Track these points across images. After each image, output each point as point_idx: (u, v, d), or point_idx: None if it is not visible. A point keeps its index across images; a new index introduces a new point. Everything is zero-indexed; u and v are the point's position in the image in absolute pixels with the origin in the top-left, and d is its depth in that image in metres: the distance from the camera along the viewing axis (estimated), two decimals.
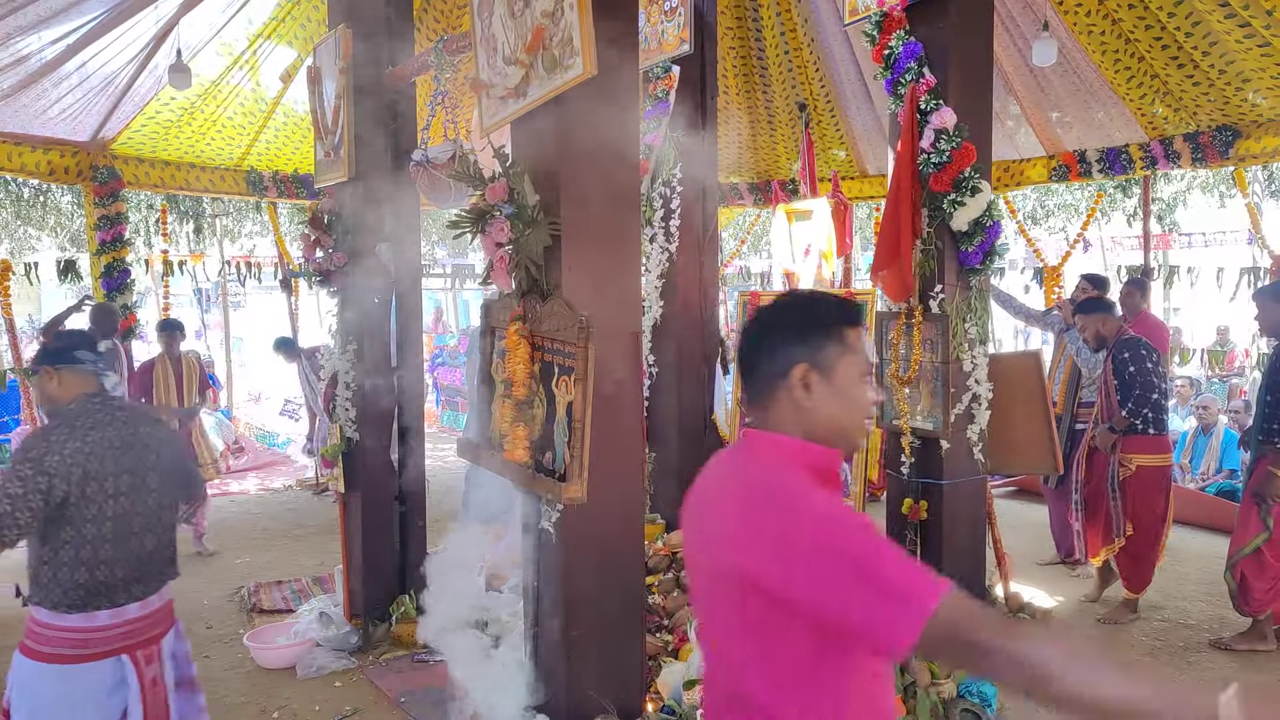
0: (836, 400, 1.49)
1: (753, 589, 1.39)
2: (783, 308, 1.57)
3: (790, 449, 1.49)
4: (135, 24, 6.51)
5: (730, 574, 1.43)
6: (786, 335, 1.51)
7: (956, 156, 4.17)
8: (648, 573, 4.96)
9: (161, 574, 2.83)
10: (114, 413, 2.76)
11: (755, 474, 1.48)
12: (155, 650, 2.79)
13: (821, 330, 1.50)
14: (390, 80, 4.95)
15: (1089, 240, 12.58)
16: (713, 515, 1.53)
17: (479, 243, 3.46)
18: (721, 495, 1.53)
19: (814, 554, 1.33)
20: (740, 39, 8.91)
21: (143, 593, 2.75)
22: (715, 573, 1.49)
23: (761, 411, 1.54)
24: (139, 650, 2.74)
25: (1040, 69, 7.36)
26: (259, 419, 12.79)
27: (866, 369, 1.53)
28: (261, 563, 6.65)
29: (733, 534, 1.44)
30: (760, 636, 1.42)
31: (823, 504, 1.39)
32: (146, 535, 2.74)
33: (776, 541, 1.36)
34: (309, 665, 4.61)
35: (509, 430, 3.40)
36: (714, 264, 6.19)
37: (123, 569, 2.68)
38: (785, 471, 1.46)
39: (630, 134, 3.41)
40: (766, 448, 1.51)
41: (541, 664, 3.49)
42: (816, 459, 1.49)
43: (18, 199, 12.04)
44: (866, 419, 1.55)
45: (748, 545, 1.40)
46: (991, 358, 4.50)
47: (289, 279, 10.32)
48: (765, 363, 1.52)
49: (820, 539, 1.34)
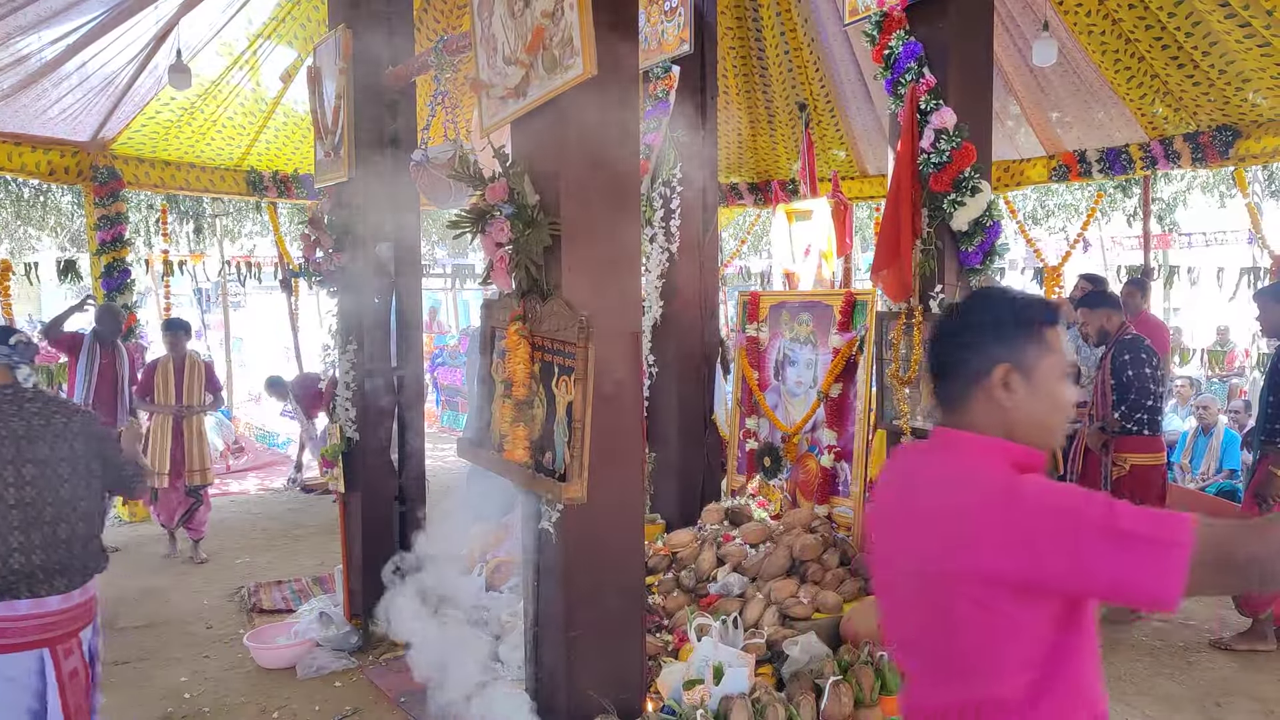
0: (1037, 399, 1.49)
1: (992, 584, 1.38)
2: (981, 307, 1.56)
3: (992, 447, 1.48)
4: (135, 24, 6.51)
5: (954, 576, 1.42)
6: (986, 335, 1.50)
7: (956, 156, 4.17)
8: (648, 573, 4.96)
9: (85, 567, 2.88)
10: (21, 404, 2.82)
11: (965, 472, 1.47)
12: (75, 643, 2.86)
13: (1023, 330, 1.50)
14: (390, 80, 4.95)
15: (1089, 240, 12.58)
16: (917, 521, 1.52)
17: (479, 243, 3.46)
18: (925, 499, 1.51)
19: (1057, 530, 1.32)
20: (740, 39, 8.91)
21: (66, 585, 2.81)
22: (925, 579, 1.47)
23: (956, 411, 1.54)
24: (59, 645, 2.80)
25: (1040, 69, 7.36)
26: (259, 419, 12.79)
27: (1066, 368, 1.53)
28: (261, 563, 6.66)
29: (955, 536, 1.42)
30: (992, 633, 1.40)
31: (1041, 483, 1.39)
32: (60, 524, 2.80)
33: (1014, 530, 1.35)
34: (309, 665, 4.61)
35: (509, 430, 3.40)
36: (714, 264, 6.19)
37: (39, 556, 2.75)
38: (993, 465, 1.45)
39: (630, 134, 3.41)
40: (968, 446, 1.50)
41: (541, 664, 3.49)
42: (1019, 457, 1.48)
43: (18, 199, 12.06)
44: (1066, 418, 1.55)
45: (980, 543, 1.38)
46: None
47: (289, 279, 10.32)
48: (962, 362, 1.52)
49: (1057, 515, 1.33)
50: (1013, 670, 1.41)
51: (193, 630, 5.28)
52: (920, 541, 1.49)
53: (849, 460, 5.55)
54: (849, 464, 5.55)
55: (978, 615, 1.40)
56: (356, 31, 4.87)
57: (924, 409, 4.44)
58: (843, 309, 5.55)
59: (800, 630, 4.29)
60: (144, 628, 5.32)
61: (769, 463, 6.05)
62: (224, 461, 10.04)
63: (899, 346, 4.50)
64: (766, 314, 6.23)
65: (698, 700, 3.57)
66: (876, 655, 3.90)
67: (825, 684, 3.69)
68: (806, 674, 3.85)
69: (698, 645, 3.86)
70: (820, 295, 5.96)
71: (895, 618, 1.62)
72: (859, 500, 5.41)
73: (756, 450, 6.14)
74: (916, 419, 4.45)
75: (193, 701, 4.36)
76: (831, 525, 5.35)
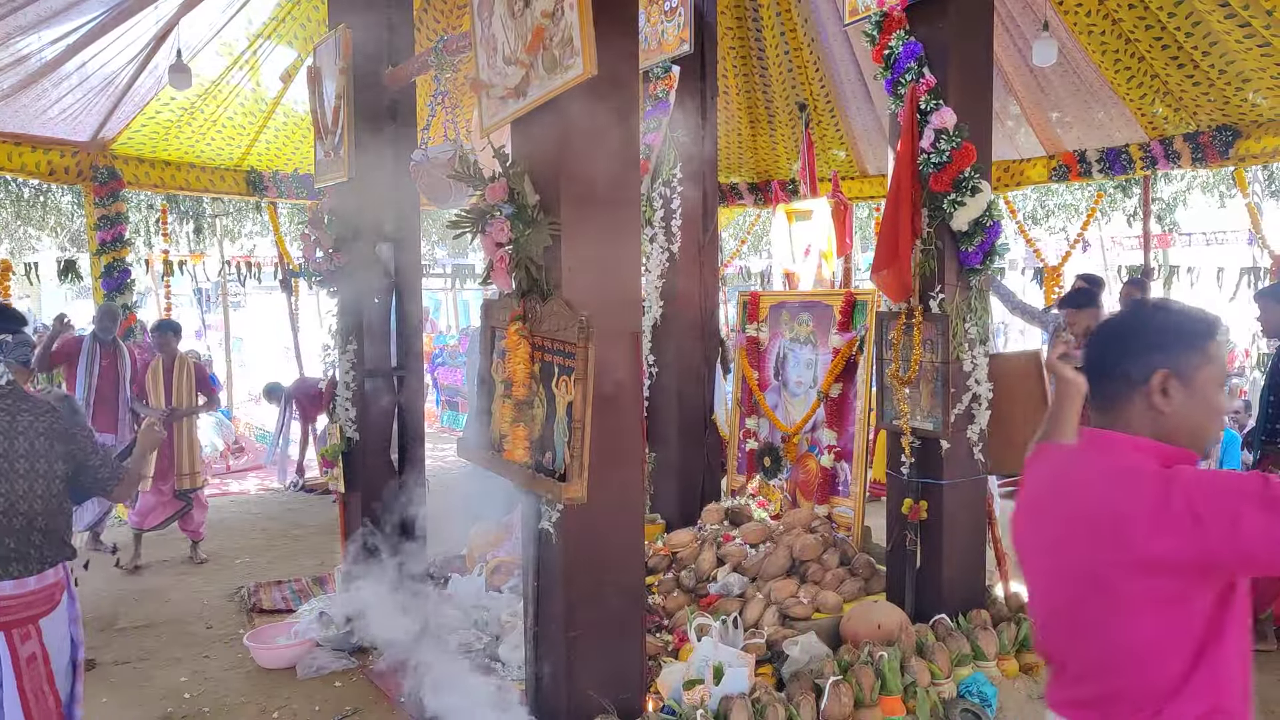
0: (1193, 406, 1.57)
1: (1154, 570, 1.46)
2: (1145, 316, 1.64)
3: (1145, 447, 1.56)
4: (135, 24, 6.51)
5: (1116, 567, 1.50)
6: (1148, 343, 1.58)
7: (956, 156, 4.17)
8: (648, 573, 4.96)
9: (44, 557, 2.96)
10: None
11: (1121, 468, 1.54)
12: (32, 630, 2.93)
13: (1185, 341, 1.57)
14: (390, 80, 4.95)
15: (1089, 240, 12.58)
16: (1075, 519, 1.59)
17: (479, 243, 3.46)
18: (1083, 497, 1.59)
19: (1217, 504, 1.41)
20: (740, 39, 8.91)
21: (20, 571, 2.90)
22: (1084, 573, 1.56)
23: (1110, 413, 1.62)
24: (14, 629, 2.89)
25: (1040, 69, 7.36)
26: (259, 419, 12.79)
27: (1223, 378, 1.62)
28: (261, 563, 6.65)
29: (1116, 529, 1.50)
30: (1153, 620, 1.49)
31: (1196, 468, 1.49)
32: (15, 516, 2.89)
33: (1175, 510, 1.43)
34: (309, 665, 4.61)
35: (509, 430, 3.40)
36: (714, 264, 6.19)
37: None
38: (1147, 460, 1.54)
39: (630, 134, 3.41)
40: (1122, 446, 1.58)
41: (541, 664, 3.49)
42: (1172, 457, 1.55)
43: (18, 199, 12.06)
44: (1219, 425, 1.65)
45: (1142, 530, 1.46)
46: (991, 358, 4.49)
47: (289, 279, 10.32)
48: (1121, 367, 1.60)
49: (1215, 490, 1.43)
50: (1169, 655, 1.49)
51: (193, 630, 5.28)
52: (1079, 538, 1.57)
53: (849, 460, 5.55)
54: (849, 464, 5.56)
55: (1139, 603, 1.49)
56: (356, 31, 4.87)
57: (923, 409, 4.44)
58: (843, 309, 5.56)
59: (800, 630, 4.29)
60: (144, 628, 5.32)
61: (769, 463, 6.05)
62: (224, 461, 10.04)
63: (899, 346, 4.50)
64: (766, 314, 6.23)
65: (698, 700, 3.57)
66: (876, 655, 3.90)
67: (825, 684, 3.69)
68: (806, 674, 3.85)
69: (698, 645, 3.86)
70: (820, 295, 5.97)
71: (1047, 610, 1.70)
72: (859, 500, 5.42)
73: (756, 450, 6.15)
74: (916, 419, 4.45)
75: (193, 701, 4.36)
76: (831, 525, 5.35)
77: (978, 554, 4.64)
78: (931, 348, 4.38)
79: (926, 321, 4.39)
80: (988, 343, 4.48)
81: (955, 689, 4.00)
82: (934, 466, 4.44)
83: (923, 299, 4.42)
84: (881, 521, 4.84)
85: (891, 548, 4.67)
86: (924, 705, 3.78)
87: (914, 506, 4.44)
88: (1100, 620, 1.55)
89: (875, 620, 4.22)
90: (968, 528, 4.55)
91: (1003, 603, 4.68)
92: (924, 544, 4.48)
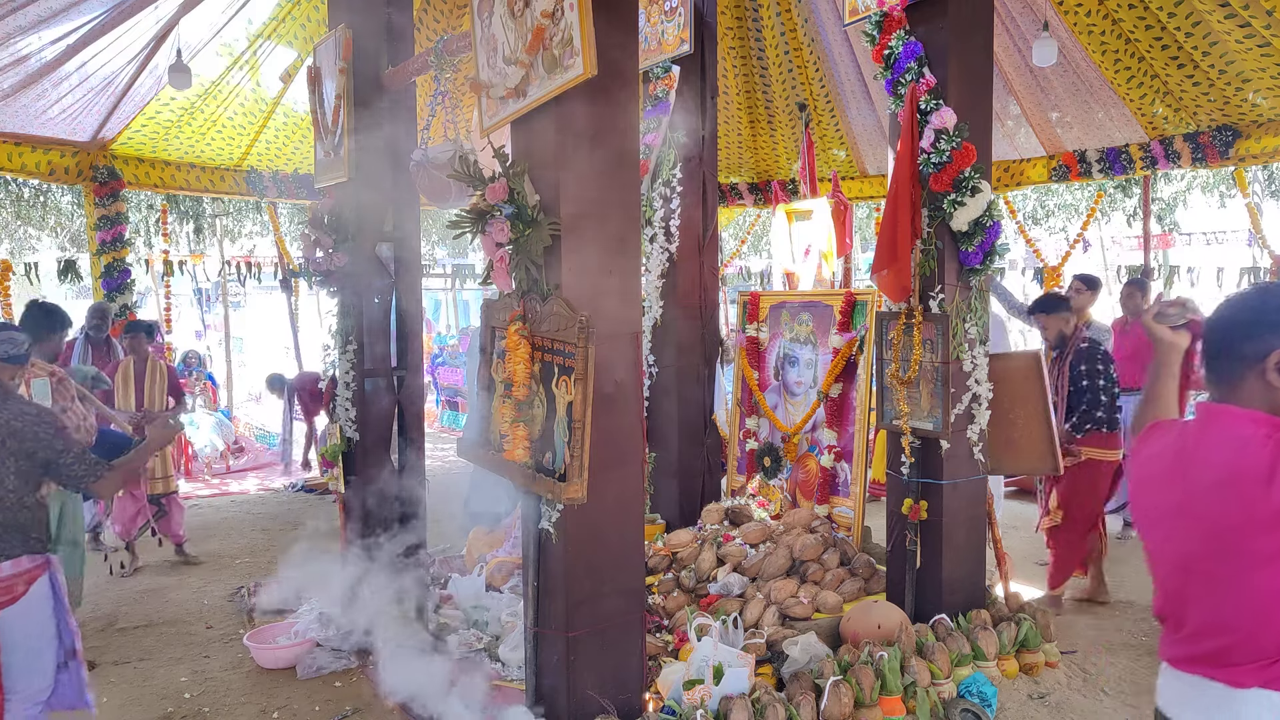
0: None
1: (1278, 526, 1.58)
2: (1263, 301, 1.75)
3: (1259, 418, 1.68)
4: (135, 24, 6.52)
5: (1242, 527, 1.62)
6: (1266, 324, 1.70)
7: (956, 156, 4.17)
8: (648, 573, 4.96)
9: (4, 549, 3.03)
10: None
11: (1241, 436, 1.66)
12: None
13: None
14: (390, 80, 4.95)
15: (1089, 240, 12.58)
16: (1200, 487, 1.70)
17: (479, 243, 3.46)
18: (1206, 464, 1.70)
19: None
20: (740, 39, 8.91)
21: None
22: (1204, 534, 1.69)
23: (1225, 389, 1.75)
24: None
25: (1040, 69, 7.37)
26: (259, 419, 12.79)
27: None
28: (261, 563, 6.65)
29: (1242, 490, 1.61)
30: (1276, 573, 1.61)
31: None
32: None
33: None
34: (309, 665, 4.61)
35: (509, 430, 3.40)
36: (714, 264, 6.19)
37: None
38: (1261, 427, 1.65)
39: (630, 134, 3.41)
40: (1237, 417, 1.70)
41: (541, 664, 3.49)
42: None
43: (18, 199, 12.04)
44: None
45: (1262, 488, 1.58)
46: (991, 358, 4.50)
47: (289, 279, 10.31)
48: (1239, 347, 1.72)
49: None
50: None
51: (193, 630, 5.28)
52: (1204, 502, 1.68)
53: (849, 460, 5.55)
54: (849, 464, 5.56)
55: (1262, 559, 1.61)
56: (356, 31, 4.87)
57: (923, 409, 4.44)
58: (843, 309, 5.56)
59: (800, 630, 4.29)
60: (144, 628, 5.32)
61: (769, 463, 6.05)
62: (224, 462, 10.04)
63: (899, 346, 4.50)
64: (766, 314, 6.23)
65: (698, 700, 3.57)
66: (876, 655, 3.90)
67: (825, 684, 3.70)
68: (806, 674, 3.85)
69: (698, 645, 3.86)
70: (820, 295, 5.97)
71: (1167, 572, 1.81)
72: (859, 500, 5.42)
73: (756, 450, 6.15)
74: (916, 419, 4.45)
75: (193, 701, 4.36)
76: (831, 525, 5.35)
77: (978, 554, 4.65)
78: (931, 348, 4.38)
79: (926, 321, 4.39)
80: (988, 343, 4.49)
81: (955, 689, 4.00)
82: (934, 466, 4.44)
83: (923, 299, 4.42)
84: (881, 521, 4.84)
85: (891, 548, 4.67)
86: (924, 705, 3.78)
87: (914, 506, 4.44)
88: (1225, 577, 1.66)
89: (875, 620, 4.22)
90: (968, 528, 4.56)
91: (1003, 603, 4.68)
92: (924, 544, 4.48)
